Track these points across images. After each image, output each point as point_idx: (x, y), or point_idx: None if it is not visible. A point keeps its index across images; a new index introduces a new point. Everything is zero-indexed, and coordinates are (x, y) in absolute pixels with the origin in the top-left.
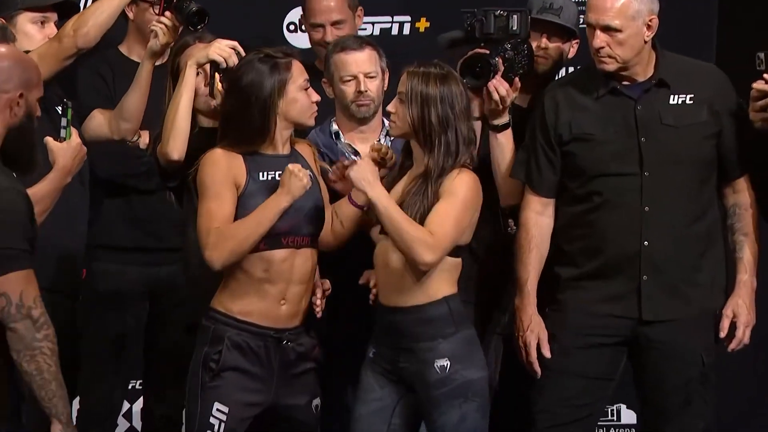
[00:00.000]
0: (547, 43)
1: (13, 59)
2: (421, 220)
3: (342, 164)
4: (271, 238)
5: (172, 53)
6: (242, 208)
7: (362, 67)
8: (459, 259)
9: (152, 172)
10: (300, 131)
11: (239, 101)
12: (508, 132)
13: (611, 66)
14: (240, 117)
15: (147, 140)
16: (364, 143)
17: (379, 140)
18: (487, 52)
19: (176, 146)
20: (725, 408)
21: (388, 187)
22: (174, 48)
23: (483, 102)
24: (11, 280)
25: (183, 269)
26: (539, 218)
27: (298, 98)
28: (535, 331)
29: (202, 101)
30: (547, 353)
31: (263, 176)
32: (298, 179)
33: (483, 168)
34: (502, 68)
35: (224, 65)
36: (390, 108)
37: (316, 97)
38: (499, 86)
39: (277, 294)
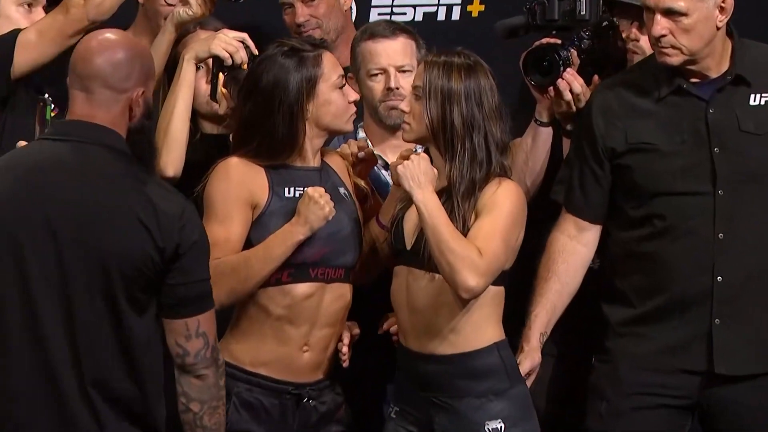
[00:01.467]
0: (637, 34)
1: (130, 50)
2: None
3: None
4: (297, 269)
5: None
6: (263, 228)
7: (394, 59)
8: (502, 288)
9: None
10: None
11: (260, 106)
12: None
13: (675, 59)
14: (261, 125)
15: None
16: (396, 152)
17: (416, 150)
18: (559, 42)
19: (171, 160)
20: None
21: (406, 207)
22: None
23: (553, 102)
24: (209, 319)
25: None
26: (569, 243)
27: (332, 99)
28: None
29: (203, 103)
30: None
31: (289, 192)
32: (318, 207)
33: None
34: (577, 62)
35: (230, 62)
36: (403, 106)
37: (353, 96)
38: (572, 82)
39: (299, 338)
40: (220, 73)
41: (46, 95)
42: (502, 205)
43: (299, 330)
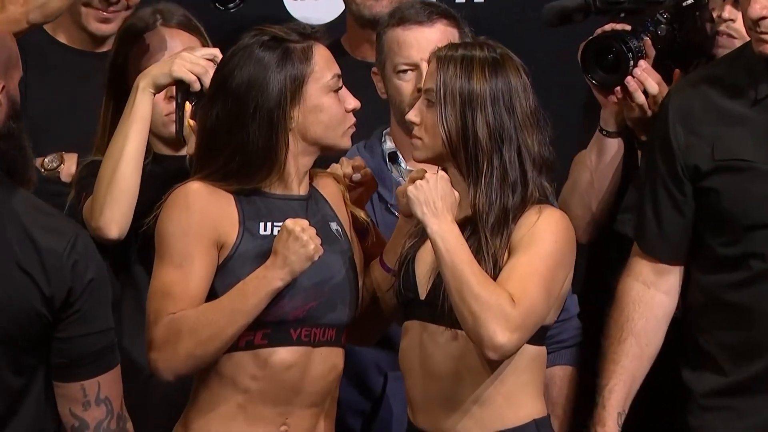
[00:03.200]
0: (732, 12)
1: None
2: None
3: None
4: (274, 328)
5: (113, 50)
6: (230, 275)
7: (428, 52)
8: (544, 349)
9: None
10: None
11: (230, 112)
12: None
13: None
14: (231, 137)
15: (73, 168)
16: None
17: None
18: (628, 28)
19: (116, 218)
20: None
21: (419, 244)
22: (120, 33)
23: (621, 107)
24: (112, 380)
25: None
26: (647, 293)
27: (324, 105)
28: None
29: (159, 124)
30: None
31: (266, 228)
32: (299, 244)
33: None
34: (651, 53)
35: (198, 87)
36: (412, 116)
37: (352, 103)
38: (646, 80)
39: (275, 418)
40: (187, 103)
41: None
42: (543, 240)
43: (275, 409)
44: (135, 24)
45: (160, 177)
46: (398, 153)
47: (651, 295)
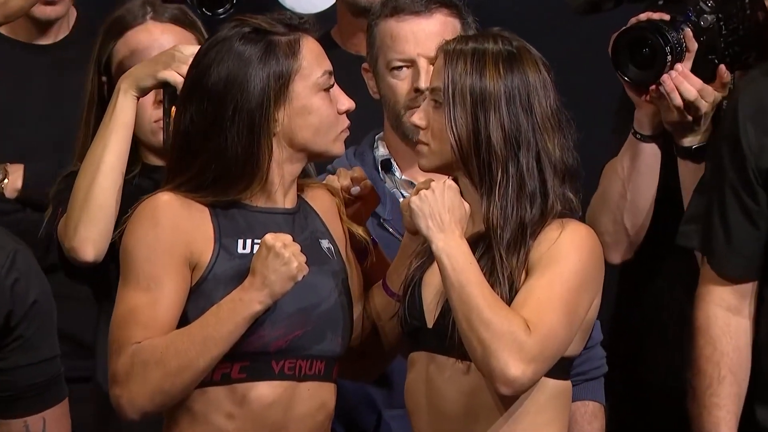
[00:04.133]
0: None
1: None
2: None
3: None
4: (254, 360)
5: (96, 46)
6: (204, 299)
7: (426, 47)
8: (568, 384)
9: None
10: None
11: (206, 114)
12: None
13: None
14: (206, 142)
15: (18, 183)
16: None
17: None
18: (666, 18)
19: (93, 237)
20: None
21: (426, 264)
22: (105, 27)
23: (658, 108)
24: (60, 417)
25: (93, 403)
26: (734, 321)
27: (313, 106)
28: None
29: (147, 131)
30: None
31: (245, 246)
32: (281, 261)
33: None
34: (693, 47)
35: None
36: (416, 119)
37: (346, 104)
38: (681, 83)
39: None
40: (174, 108)
41: None
42: (566, 259)
43: None
44: (122, 17)
45: (149, 190)
46: (392, 161)
47: (737, 323)
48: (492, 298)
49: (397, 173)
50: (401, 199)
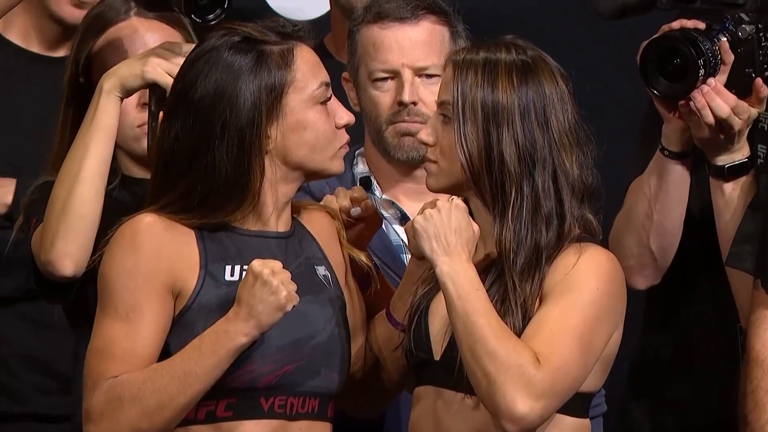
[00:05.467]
0: None
1: None
2: None
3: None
4: (241, 397)
5: (75, 43)
6: (188, 330)
7: (411, 56)
8: (587, 422)
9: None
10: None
11: (193, 130)
12: (746, 179)
13: None
14: (193, 160)
15: (9, 198)
16: (416, 201)
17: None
18: (701, 26)
19: (71, 251)
20: None
21: (433, 291)
22: (84, 24)
23: (688, 123)
24: None
25: None
26: None
27: (309, 121)
28: None
29: (129, 138)
30: None
31: (233, 273)
32: (268, 290)
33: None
34: (729, 59)
35: None
36: (424, 136)
37: (345, 118)
38: (713, 99)
39: None
40: (162, 112)
41: None
42: (583, 287)
43: None
44: (103, 13)
45: (128, 205)
46: (372, 178)
47: None
48: (499, 328)
49: (377, 192)
50: (386, 215)
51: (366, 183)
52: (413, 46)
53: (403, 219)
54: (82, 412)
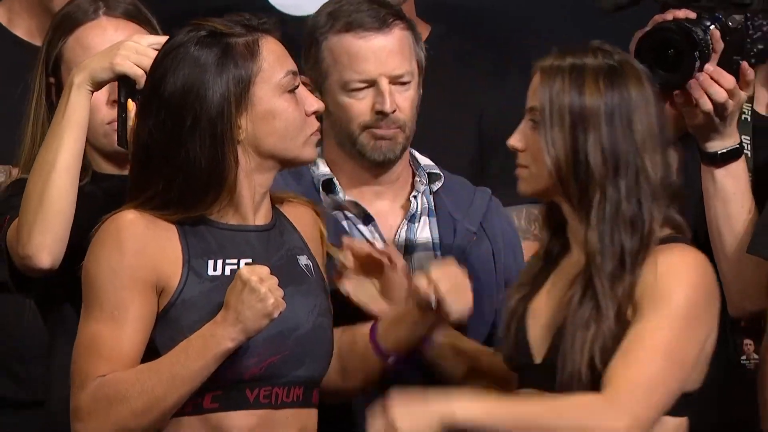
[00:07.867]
0: None
1: None
2: (604, 359)
3: (363, 248)
4: (227, 389)
5: (44, 43)
6: (172, 327)
7: (387, 65)
8: (684, 421)
9: None
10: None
11: (165, 126)
12: (737, 166)
13: None
14: (169, 156)
15: None
16: (378, 201)
17: (414, 197)
18: (692, 16)
19: (48, 243)
20: None
21: (533, 290)
22: (53, 24)
23: (681, 111)
24: None
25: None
26: None
27: (278, 109)
28: None
29: (99, 135)
30: None
31: (215, 268)
32: (256, 297)
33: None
34: (719, 48)
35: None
36: (514, 141)
37: (314, 105)
38: (710, 86)
39: None
40: (130, 101)
41: None
42: (672, 298)
43: None
44: (71, 12)
45: (98, 200)
46: (335, 180)
47: None
48: (541, 403)
49: (341, 194)
50: (344, 222)
51: (328, 185)
52: (389, 56)
53: (366, 219)
54: (54, 400)
